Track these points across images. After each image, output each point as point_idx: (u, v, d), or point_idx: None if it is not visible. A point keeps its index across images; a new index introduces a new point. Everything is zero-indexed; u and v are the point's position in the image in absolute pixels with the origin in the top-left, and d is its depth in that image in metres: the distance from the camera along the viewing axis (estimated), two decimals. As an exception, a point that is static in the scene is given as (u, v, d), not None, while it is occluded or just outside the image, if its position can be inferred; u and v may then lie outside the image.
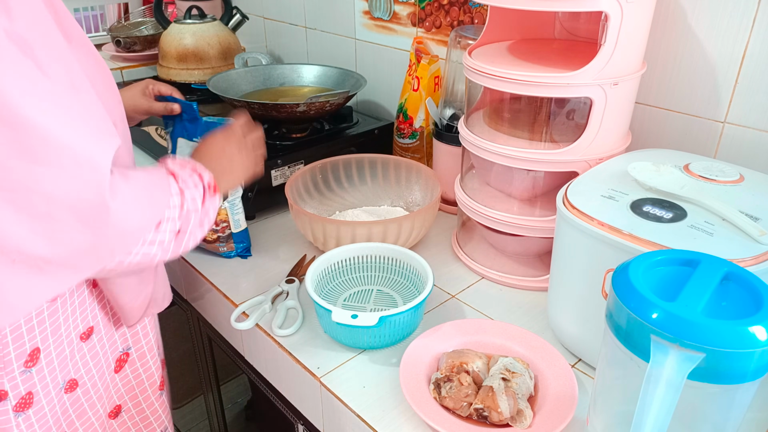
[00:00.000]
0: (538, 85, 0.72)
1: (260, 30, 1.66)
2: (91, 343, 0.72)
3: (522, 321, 0.81)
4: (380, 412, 0.67)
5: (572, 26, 0.91)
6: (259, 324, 0.80)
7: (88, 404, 0.73)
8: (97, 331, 0.72)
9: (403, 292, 0.85)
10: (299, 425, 0.89)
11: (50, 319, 0.65)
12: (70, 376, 0.70)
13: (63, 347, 0.68)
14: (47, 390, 0.67)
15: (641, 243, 0.58)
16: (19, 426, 0.66)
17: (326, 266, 0.84)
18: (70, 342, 0.68)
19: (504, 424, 0.62)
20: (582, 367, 0.73)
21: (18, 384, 0.64)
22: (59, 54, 0.52)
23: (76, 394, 0.71)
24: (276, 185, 1.05)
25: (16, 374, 0.64)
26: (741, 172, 0.70)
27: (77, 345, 0.70)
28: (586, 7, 0.70)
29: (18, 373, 0.64)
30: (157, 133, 1.26)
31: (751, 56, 0.77)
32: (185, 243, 0.62)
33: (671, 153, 0.77)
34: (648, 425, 0.46)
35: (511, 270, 0.89)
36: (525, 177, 0.84)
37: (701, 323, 0.44)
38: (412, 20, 1.20)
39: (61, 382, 0.69)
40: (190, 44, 1.39)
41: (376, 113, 1.36)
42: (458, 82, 1.03)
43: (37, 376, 0.66)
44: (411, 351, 0.70)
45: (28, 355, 0.64)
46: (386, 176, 1.07)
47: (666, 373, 0.45)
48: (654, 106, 0.88)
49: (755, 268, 0.55)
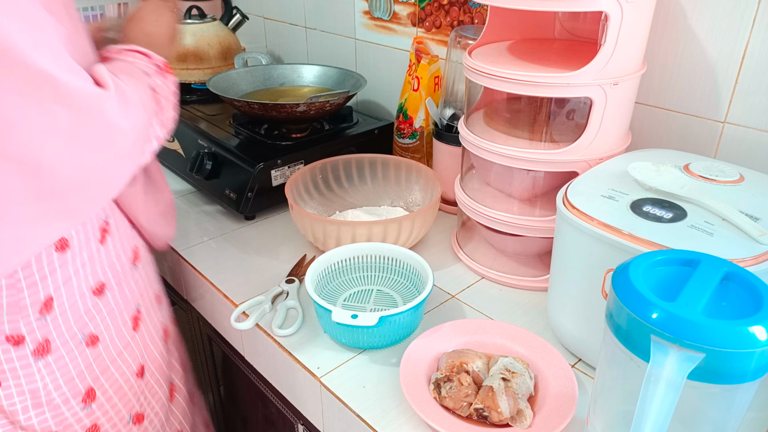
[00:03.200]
0: (538, 85, 0.72)
1: (260, 30, 1.66)
2: (105, 298, 0.74)
3: (522, 321, 0.81)
4: (380, 412, 0.67)
5: (572, 26, 0.91)
6: (259, 324, 0.80)
7: (109, 360, 0.75)
8: (109, 287, 0.75)
9: (403, 292, 0.85)
10: (299, 425, 0.89)
11: (61, 269, 0.68)
12: (89, 330, 0.72)
13: (75, 299, 0.70)
14: (64, 339, 0.70)
15: (641, 243, 0.58)
16: (41, 371, 0.68)
17: (326, 266, 0.84)
18: (82, 295, 0.71)
19: (504, 424, 0.62)
20: (582, 367, 0.73)
21: (34, 329, 0.67)
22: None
23: (97, 350, 0.73)
24: (276, 185, 1.05)
25: (32, 319, 0.67)
26: (741, 172, 0.70)
27: (91, 299, 0.72)
28: (586, 7, 0.70)
29: (33, 319, 0.67)
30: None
31: (751, 56, 0.77)
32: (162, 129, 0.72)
33: (671, 153, 0.77)
34: (648, 425, 0.46)
35: (511, 270, 0.89)
36: (525, 177, 0.84)
37: (701, 323, 0.44)
38: (412, 20, 1.20)
39: (79, 335, 0.71)
40: (190, 44, 1.39)
41: (376, 113, 1.36)
42: (458, 82, 1.03)
43: (52, 324, 0.68)
44: (411, 351, 0.70)
45: (43, 304, 0.67)
46: (386, 176, 1.07)
47: (666, 373, 0.45)
48: (654, 106, 0.88)
49: (755, 268, 0.55)
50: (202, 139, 1.13)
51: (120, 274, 0.76)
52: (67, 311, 0.69)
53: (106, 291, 0.74)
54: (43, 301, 0.67)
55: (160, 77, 0.72)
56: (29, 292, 0.66)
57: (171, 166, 1.23)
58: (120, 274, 0.76)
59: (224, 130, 1.17)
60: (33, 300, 0.66)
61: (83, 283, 0.71)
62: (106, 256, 0.74)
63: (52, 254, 0.67)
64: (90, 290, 0.72)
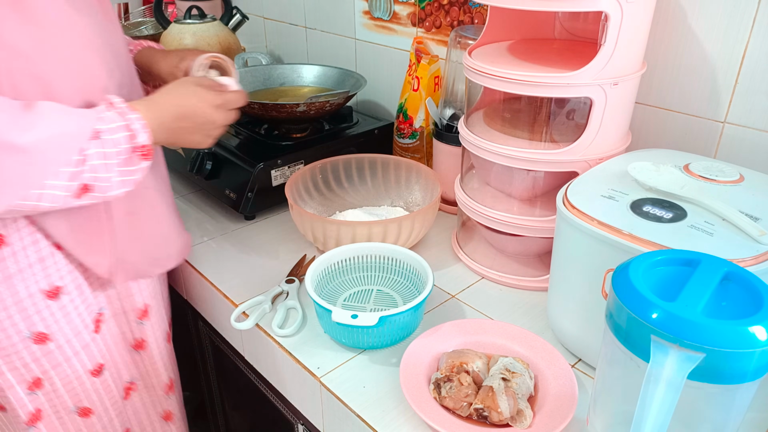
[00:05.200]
0: (538, 85, 0.72)
1: (260, 30, 1.66)
2: (62, 303, 0.76)
3: (522, 321, 0.81)
4: (380, 412, 0.67)
5: (572, 26, 0.91)
6: (259, 324, 0.80)
7: (63, 358, 0.77)
8: (67, 291, 0.76)
9: (403, 292, 0.85)
10: (299, 425, 0.89)
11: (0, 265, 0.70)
12: (37, 329, 0.74)
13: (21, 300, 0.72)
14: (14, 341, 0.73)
15: (641, 243, 0.58)
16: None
17: (326, 266, 0.84)
18: (32, 296, 0.73)
19: (504, 424, 0.62)
20: (582, 367, 0.73)
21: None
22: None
23: (47, 348, 0.76)
24: (276, 185, 1.05)
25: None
26: (741, 172, 0.70)
27: (43, 302, 0.74)
28: (586, 7, 0.70)
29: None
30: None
31: (751, 56, 0.77)
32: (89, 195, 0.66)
33: (671, 153, 0.77)
34: (648, 425, 0.46)
35: (511, 270, 0.89)
36: (525, 177, 0.84)
37: (701, 323, 0.44)
38: (412, 20, 1.20)
39: (26, 332, 0.74)
40: (190, 44, 1.39)
41: (376, 113, 1.36)
42: (458, 82, 1.03)
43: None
44: (411, 351, 0.70)
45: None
46: (386, 176, 1.07)
47: (666, 373, 0.45)
48: (654, 106, 0.88)
49: (755, 268, 0.55)
50: (202, 139, 1.13)
51: (82, 277, 0.78)
52: (15, 314, 0.72)
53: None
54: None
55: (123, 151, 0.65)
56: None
57: (171, 166, 1.23)
58: (82, 277, 0.78)
59: (224, 130, 1.17)
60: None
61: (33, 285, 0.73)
62: (66, 258, 0.75)
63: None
64: (43, 293, 0.74)
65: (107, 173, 0.65)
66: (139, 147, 0.66)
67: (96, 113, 0.65)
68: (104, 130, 0.64)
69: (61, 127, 0.61)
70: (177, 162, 1.19)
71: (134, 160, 0.66)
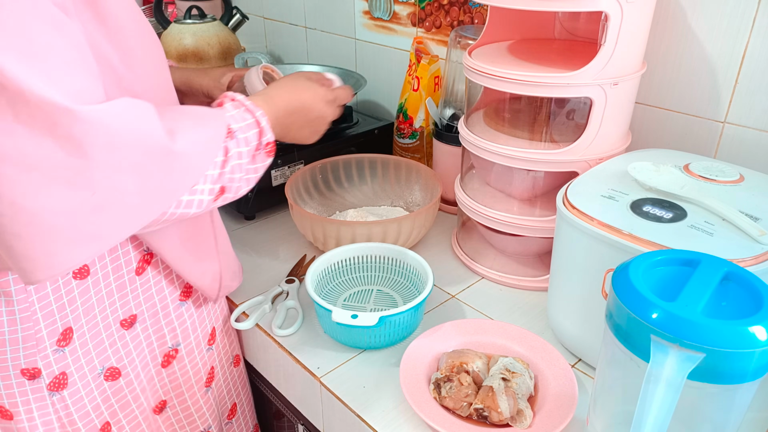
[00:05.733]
0: (538, 85, 0.72)
1: (260, 30, 1.66)
2: (134, 332, 0.71)
3: (522, 321, 0.81)
4: (380, 412, 0.67)
5: (572, 26, 0.91)
6: (259, 324, 0.80)
7: (131, 396, 0.73)
8: (141, 320, 0.72)
9: (403, 292, 0.85)
10: (299, 425, 0.89)
11: (81, 299, 0.65)
12: (111, 363, 0.70)
13: (99, 330, 0.68)
14: (83, 373, 0.67)
15: (641, 243, 0.58)
16: (54, 405, 0.66)
17: (326, 266, 0.84)
18: (107, 326, 0.68)
19: (504, 424, 0.62)
20: (582, 367, 0.73)
21: (51, 363, 0.65)
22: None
23: (118, 384, 0.71)
24: (276, 185, 1.05)
25: (49, 353, 0.64)
26: (741, 172, 0.70)
27: (117, 331, 0.69)
28: (586, 7, 0.70)
29: (51, 352, 0.64)
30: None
31: (751, 56, 0.77)
32: (224, 198, 0.63)
33: (671, 153, 0.77)
34: (648, 425, 0.46)
35: (511, 270, 0.89)
36: (525, 177, 0.84)
37: (701, 323, 0.44)
38: (412, 20, 1.20)
39: (99, 368, 0.69)
40: (190, 44, 1.39)
41: (376, 113, 1.36)
42: (458, 82, 1.03)
43: (70, 357, 0.66)
44: (411, 351, 0.70)
45: (61, 334, 0.64)
46: (386, 176, 1.07)
47: (666, 373, 0.45)
48: (654, 106, 0.88)
49: (755, 268, 0.55)
50: (202, 139, 1.13)
51: (158, 307, 0.73)
52: (88, 343, 0.67)
53: (136, 324, 0.71)
54: (61, 332, 0.64)
55: (252, 149, 0.64)
56: (45, 323, 0.63)
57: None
58: (158, 307, 0.73)
59: (224, 130, 1.17)
60: (50, 332, 0.63)
61: (109, 314, 0.68)
62: (142, 286, 0.70)
63: (70, 282, 0.63)
64: (118, 322, 0.69)
65: (240, 172, 0.63)
66: (266, 144, 0.65)
67: (224, 111, 0.63)
68: (237, 129, 0.62)
69: (203, 128, 0.58)
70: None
71: (261, 157, 0.65)
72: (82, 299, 0.65)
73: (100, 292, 0.66)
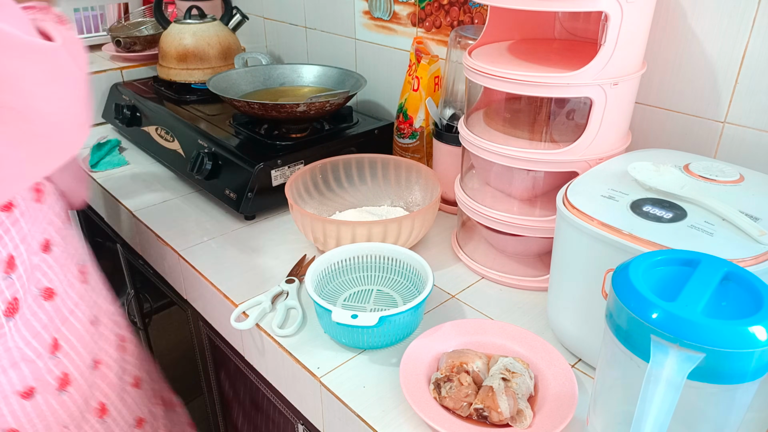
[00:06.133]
0: (538, 85, 0.72)
1: (260, 30, 1.66)
2: (54, 254, 0.79)
3: (522, 321, 0.81)
4: (380, 412, 0.67)
5: (572, 26, 0.91)
6: (259, 324, 0.80)
7: (67, 312, 0.79)
8: (54, 243, 0.79)
9: (403, 292, 0.85)
10: (299, 425, 0.89)
11: (14, 227, 0.73)
12: (43, 284, 0.76)
13: (31, 256, 0.75)
14: (26, 296, 0.74)
15: (641, 243, 0.58)
16: (11, 330, 0.73)
17: (326, 266, 0.84)
18: (35, 252, 0.76)
19: (504, 424, 0.62)
20: (582, 367, 0.73)
21: (2, 289, 0.72)
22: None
23: (55, 303, 0.77)
24: (276, 185, 1.05)
25: (1, 281, 0.72)
26: (741, 172, 0.70)
27: (41, 256, 0.76)
28: (586, 7, 0.70)
29: (1, 279, 0.72)
30: (157, 133, 1.26)
31: (751, 56, 0.77)
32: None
33: (671, 153, 0.77)
34: (648, 425, 0.46)
35: (511, 270, 0.89)
36: (525, 177, 0.84)
37: (701, 323, 0.44)
38: (412, 20, 1.20)
39: (35, 290, 0.75)
40: (190, 44, 1.39)
41: (376, 113, 1.36)
42: (458, 82, 1.03)
43: (18, 283, 0.73)
44: (411, 351, 0.70)
45: (6, 263, 0.72)
46: (386, 176, 1.07)
47: (666, 373, 0.45)
48: (654, 106, 0.88)
49: (755, 268, 0.55)
50: (202, 139, 1.13)
51: (62, 231, 0.81)
52: (29, 268, 0.74)
53: (52, 246, 0.78)
54: (6, 261, 0.71)
55: (64, 28, 0.74)
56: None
57: (171, 166, 1.23)
58: (62, 231, 0.81)
59: (224, 130, 1.17)
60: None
61: (33, 240, 0.75)
62: (44, 214, 0.78)
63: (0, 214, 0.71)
64: (40, 246, 0.76)
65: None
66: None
67: None
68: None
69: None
70: (177, 162, 1.20)
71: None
72: (15, 228, 0.73)
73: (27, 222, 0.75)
